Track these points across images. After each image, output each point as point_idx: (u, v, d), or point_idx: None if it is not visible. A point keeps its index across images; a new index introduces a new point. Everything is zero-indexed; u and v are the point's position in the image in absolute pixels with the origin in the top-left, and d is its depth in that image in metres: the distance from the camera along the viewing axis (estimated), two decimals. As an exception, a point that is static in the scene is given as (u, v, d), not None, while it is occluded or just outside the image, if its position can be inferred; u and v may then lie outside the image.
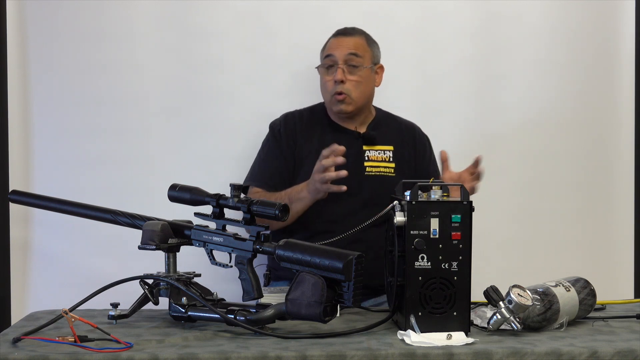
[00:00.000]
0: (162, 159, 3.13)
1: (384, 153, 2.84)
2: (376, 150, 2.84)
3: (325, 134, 2.85)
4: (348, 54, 2.80)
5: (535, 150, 3.26)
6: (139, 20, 3.12)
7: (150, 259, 2.35)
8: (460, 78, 3.22)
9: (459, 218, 2.04)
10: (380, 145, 2.85)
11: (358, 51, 2.82)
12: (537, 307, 2.08)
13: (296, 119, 2.89)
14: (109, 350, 1.86)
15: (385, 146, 2.85)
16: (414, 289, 2.04)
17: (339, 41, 2.84)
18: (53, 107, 3.11)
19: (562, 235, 3.27)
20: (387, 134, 2.88)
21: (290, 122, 2.88)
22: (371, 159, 2.83)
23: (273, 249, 2.12)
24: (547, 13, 3.24)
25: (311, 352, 1.87)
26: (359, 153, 2.82)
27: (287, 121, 2.89)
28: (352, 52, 2.80)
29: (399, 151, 2.86)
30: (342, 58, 2.80)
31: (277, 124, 2.90)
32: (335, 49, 2.82)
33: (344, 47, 2.82)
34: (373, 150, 2.84)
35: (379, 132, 2.86)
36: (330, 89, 2.80)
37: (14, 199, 2.48)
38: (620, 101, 3.29)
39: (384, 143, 2.86)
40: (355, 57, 2.81)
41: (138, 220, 2.28)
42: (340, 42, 2.84)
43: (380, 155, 2.83)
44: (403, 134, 2.90)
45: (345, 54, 2.80)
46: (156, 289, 2.22)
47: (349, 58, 2.80)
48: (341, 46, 2.82)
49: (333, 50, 2.82)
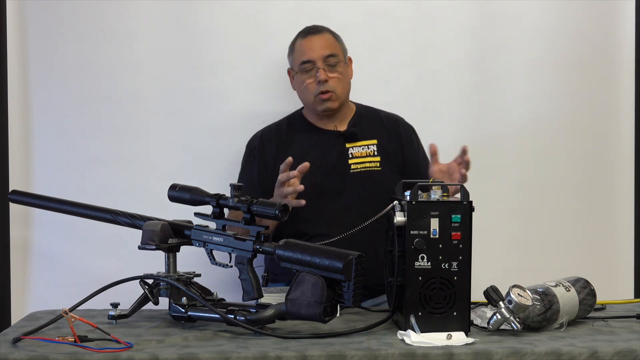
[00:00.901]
0: (162, 159, 3.13)
1: (368, 148, 2.84)
2: (359, 146, 2.84)
3: (306, 138, 2.85)
4: (325, 54, 2.80)
5: (535, 150, 3.26)
6: (139, 20, 3.12)
7: (150, 259, 2.35)
8: (459, 78, 3.22)
9: (459, 218, 2.04)
10: (363, 140, 2.84)
11: (332, 49, 2.83)
12: (537, 307, 2.08)
13: (272, 133, 2.89)
14: (109, 350, 1.87)
15: (368, 141, 2.85)
16: (414, 289, 2.04)
17: (310, 42, 2.83)
18: (53, 107, 3.12)
19: (562, 235, 3.27)
20: (370, 128, 2.87)
21: (266, 137, 2.88)
22: (355, 156, 2.83)
23: (273, 249, 2.12)
24: (546, 13, 3.24)
25: (311, 352, 1.87)
26: (341, 152, 2.82)
27: (262, 137, 2.89)
28: (328, 51, 2.81)
29: (384, 144, 2.85)
30: (320, 59, 2.80)
31: (253, 141, 2.91)
32: (311, 52, 2.81)
33: (319, 48, 2.81)
34: (356, 146, 2.84)
35: (361, 127, 2.86)
36: (313, 90, 2.80)
37: (14, 199, 2.48)
38: (620, 101, 3.29)
39: (367, 137, 2.85)
40: (332, 57, 2.81)
41: (138, 220, 2.28)
42: (312, 43, 2.83)
43: (364, 150, 2.83)
44: (386, 126, 2.90)
45: (323, 54, 2.80)
46: (156, 289, 2.22)
47: (326, 58, 2.80)
48: (315, 47, 2.82)
49: (310, 54, 2.81)
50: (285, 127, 2.90)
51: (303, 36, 2.87)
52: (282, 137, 2.87)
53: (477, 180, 3.03)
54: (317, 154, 2.79)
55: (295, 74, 2.86)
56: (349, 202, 2.75)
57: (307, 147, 2.82)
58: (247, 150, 2.92)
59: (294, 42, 2.88)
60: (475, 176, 3.11)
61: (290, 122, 2.92)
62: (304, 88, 2.83)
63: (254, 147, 2.89)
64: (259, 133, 2.92)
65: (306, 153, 2.77)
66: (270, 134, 2.89)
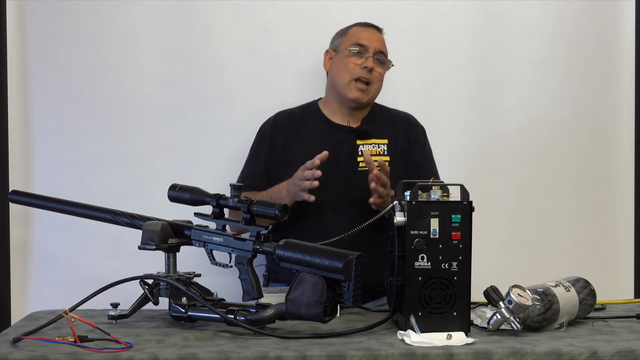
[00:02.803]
0: (162, 159, 3.13)
1: (378, 147, 2.83)
2: (370, 144, 2.83)
3: (318, 130, 2.84)
4: (380, 48, 2.81)
5: (535, 150, 3.26)
6: (139, 20, 3.13)
7: (150, 259, 2.35)
8: (460, 78, 3.23)
9: (459, 218, 2.04)
10: (374, 139, 2.84)
11: (384, 49, 2.84)
12: (537, 307, 2.08)
13: (286, 118, 2.87)
14: (109, 350, 1.86)
15: (379, 140, 2.84)
16: (414, 289, 2.03)
17: (370, 33, 2.84)
18: (53, 107, 3.12)
19: (562, 235, 3.28)
20: (382, 127, 2.86)
21: (278, 123, 2.87)
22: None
23: (273, 249, 2.12)
24: (547, 13, 3.25)
25: (311, 352, 1.87)
26: (352, 148, 2.81)
27: (275, 122, 2.87)
28: (382, 48, 2.82)
29: (394, 144, 2.84)
30: (374, 49, 2.80)
31: (266, 125, 2.89)
32: (369, 40, 2.81)
33: (376, 41, 2.82)
34: (367, 144, 2.83)
35: (373, 125, 2.85)
36: (353, 72, 2.78)
37: (14, 199, 2.48)
38: (621, 101, 3.29)
39: (378, 136, 2.84)
40: (383, 54, 2.83)
41: (138, 220, 2.28)
42: (371, 35, 2.83)
43: (374, 149, 2.82)
44: (397, 125, 2.89)
45: (378, 47, 2.81)
46: (156, 289, 2.22)
47: (379, 52, 2.81)
48: (374, 39, 2.82)
49: (366, 40, 2.80)
50: (299, 116, 2.88)
51: (363, 25, 2.87)
52: (294, 125, 2.85)
53: (478, 180, 3.04)
54: (327, 146, 2.74)
55: (337, 54, 2.83)
56: (354, 198, 2.73)
57: (318, 138, 2.79)
58: (259, 134, 2.90)
59: (350, 27, 2.87)
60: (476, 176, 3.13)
61: (305, 112, 2.90)
62: (345, 67, 2.79)
63: (266, 131, 2.87)
64: (272, 118, 2.90)
65: (316, 144, 2.75)
66: (284, 120, 2.87)
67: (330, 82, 2.87)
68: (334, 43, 2.88)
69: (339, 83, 2.81)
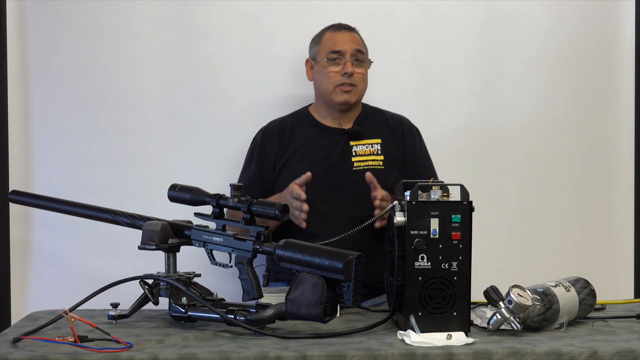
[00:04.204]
0: (162, 159, 3.13)
1: (372, 146, 2.84)
2: (363, 145, 2.84)
3: (310, 134, 2.86)
4: (355, 50, 2.82)
5: (535, 150, 3.26)
6: (139, 20, 3.13)
7: (150, 259, 2.35)
8: (460, 78, 3.22)
9: (459, 218, 2.04)
10: (367, 139, 2.85)
11: (361, 47, 2.85)
12: (537, 307, 2.08)
13: (276, 128, 2.89)
14: (109, 350, 1.86)
15: (372, 139, 2.85)
16: (414, 289, 2.03)
17: (342, 35, 2.85)
18: (53, 107, 3.12)
19: (562, 235, 3.27)
20: (374, 128, 2.88)
21: (269, 132, 2.89)
22: (359, 154, 2.83)
23: (273, 249, 2.12)
24: (547, 13, 3.24)
25: (311, 352, 1.87)
26: (345, 149, 2.82)
27: (265, 132, 2.90)
28: (358, 48, 2.83)
29: (387, 144, 2.86)
30: (350, 52, 2.81)
31: (257, 135, 2.92)
32: (343, 44, 2.82)
33: (350, 42, 2.83)
34: (360, 145, 2.84)
35: (366, 126, 2.87)
36: (335, 80, 2.80)
37: (14, 199, 2.48)
38: (621, 101, 3.29)
39: (371, 137, 2.85)
40: (361, 53, 2.83)
41: (138, 220, 2.28)
42: (344, 37, 2.85)
43: (367, 149, 2.84)
44: (391, 126, 2.90)
45: (353, 49, 2.82)
46: (156, 289, 2.22)
47: (356, 53, 2.82)
48: (347, 41, 2.83)
49: (341, 45, 2.82)
50: (290, 123, 2.90)
51: (334, 29, 2.88)
52: (285, 133, 2.87)
53: (478, 180, 3.04)
54: (319, 149, 2.81)
55: (317, 64, 2.86)
56: (350, 198, 2.75)
57: (310, 142, 2.83)
58: (251, 145, 2.93)
59: (322, 33, 2.89)
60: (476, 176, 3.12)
61: (295, 118, 2.92)
62: (326, 77, 2.82)
63: (257, 141, 2.90)
64: (264, 127, 2.93)
65: (309, 147, 2.80)
66: (274, 129, 2.90)
67: (316, 91, 2.90)
68: (312, 51, 2.90)
69: (324, 92, 2.85)
